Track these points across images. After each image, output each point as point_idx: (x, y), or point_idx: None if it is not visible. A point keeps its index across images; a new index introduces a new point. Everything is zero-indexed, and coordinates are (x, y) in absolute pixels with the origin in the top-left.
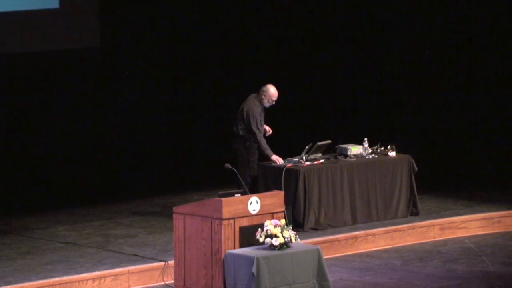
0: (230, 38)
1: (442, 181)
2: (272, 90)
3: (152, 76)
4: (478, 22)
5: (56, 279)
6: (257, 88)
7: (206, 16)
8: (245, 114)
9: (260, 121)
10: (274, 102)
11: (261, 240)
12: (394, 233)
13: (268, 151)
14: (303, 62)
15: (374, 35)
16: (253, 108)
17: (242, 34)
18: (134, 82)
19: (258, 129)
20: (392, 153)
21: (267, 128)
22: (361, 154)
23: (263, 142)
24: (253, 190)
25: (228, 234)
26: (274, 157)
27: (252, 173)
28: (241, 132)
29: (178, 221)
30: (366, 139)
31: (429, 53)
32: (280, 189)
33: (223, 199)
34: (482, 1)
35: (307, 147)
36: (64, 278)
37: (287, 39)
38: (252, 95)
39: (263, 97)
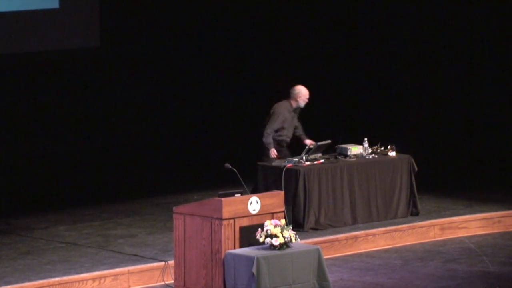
0: (229, 38)
1: (442, 181)
2: (304, 90)
3: (152, 76)
4: (478, 21)
5: (56, 279)
6: (256, 88)
7: (205, 16)
8: (271, 111)
9: (284, 121)
10: (308, 100)
11: (261, 240)
12: (394, 233)
13: (270, 145)
14: (303, 62)
15: (375, 35)
16: (282, 108)
17: (241, 34)
18: (134, 82)
19: (271, 126)
20: (392, 153)
21: (308, 141)
22: (361, 154)
23: (269, 137)
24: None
25: (228, 234)
26: (272, 151)
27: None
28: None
29: (178, 221)
30: (366, 139)
31: None
32: (280, 189)
33: (223, 199)
34: (481, 1)
35: (307, 147)
36: (64, 278)
37: (287, 38)
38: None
39: (297, 99)
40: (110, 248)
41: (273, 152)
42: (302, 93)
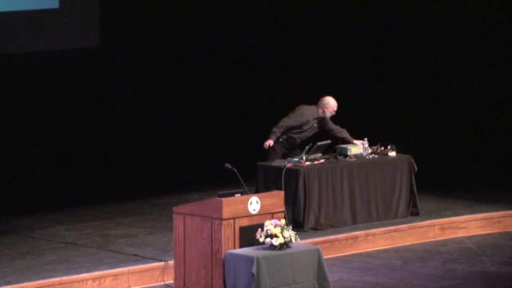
0: (229, 38)
1: (442, 181)
2: (332, 102)
3: (152, 76)
4: (476, 20)
5: (56, 279)
6: (256, 88)
7: (204, 16)
8: (296, 109)
9: (305, 124)
10: (335, 112)
11: (261, 240)
12: (394, 233)
13: (272, 136)
14: (303, 62)
15: (375, 35)
16: (307, 110)
17: (240, 34)
18: (134, 82)
19: (286, 121)
20: (392, 153)
21: (358, 142)
22: (361, 154)
23: (278, 131)
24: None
25: (228, 234)
26: (268, 142)
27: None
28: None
29: (178, 221)
30: (366, 139)
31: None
32: (280, 189)
33: (223, 199)
34: (481, 2)
35: (307, 147)
36: (64, 278)
37: (287, 39)
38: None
39: (325, 109)
40: (110, 248)
41: (267, 144)
42: (330, 104)
